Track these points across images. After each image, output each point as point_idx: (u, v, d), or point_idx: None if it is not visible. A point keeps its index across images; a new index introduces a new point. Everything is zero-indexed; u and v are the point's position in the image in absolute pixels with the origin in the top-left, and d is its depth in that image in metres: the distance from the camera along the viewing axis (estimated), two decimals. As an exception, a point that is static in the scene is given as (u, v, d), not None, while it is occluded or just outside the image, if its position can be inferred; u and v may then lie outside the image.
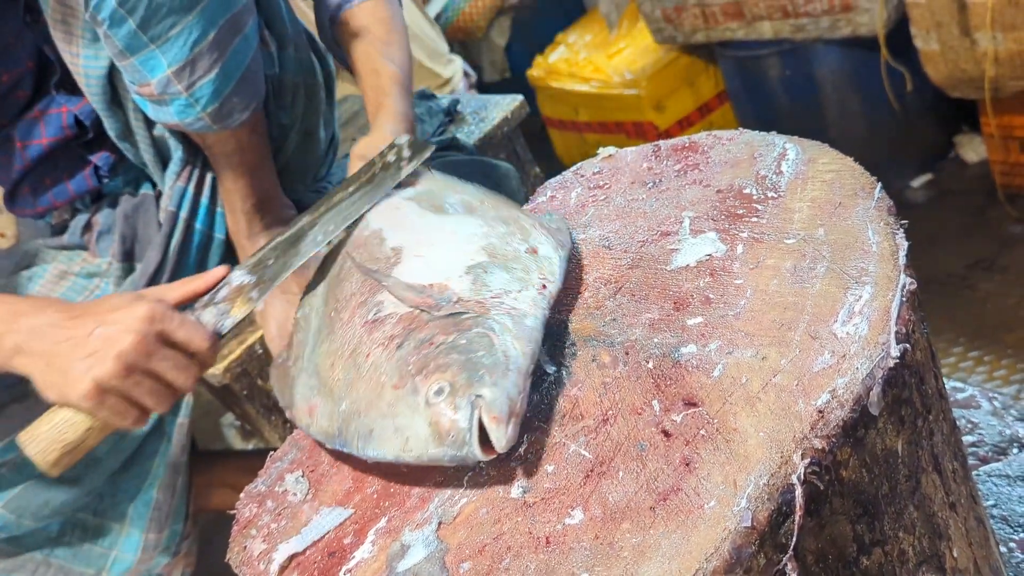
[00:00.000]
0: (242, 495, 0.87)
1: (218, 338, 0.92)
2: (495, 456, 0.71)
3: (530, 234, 0.90)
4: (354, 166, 1.12)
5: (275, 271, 0.96)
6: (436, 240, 0.91)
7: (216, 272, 0.96)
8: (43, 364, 0.89)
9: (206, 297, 0.94)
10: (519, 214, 0.95)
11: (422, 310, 0.81)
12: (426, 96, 1.88)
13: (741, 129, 1.00)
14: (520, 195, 1.47)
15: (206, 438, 2.42)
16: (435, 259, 0.88)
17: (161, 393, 0.89)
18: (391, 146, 1.06)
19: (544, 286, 0.83)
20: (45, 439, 0.92)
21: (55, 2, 1.12)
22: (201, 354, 0.91)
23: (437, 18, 3.26)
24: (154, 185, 1.37)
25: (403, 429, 0.74)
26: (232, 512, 0.86)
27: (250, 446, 2.40)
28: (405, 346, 0.79)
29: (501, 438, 0.70)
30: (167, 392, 0.90)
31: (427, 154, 1.04)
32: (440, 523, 0.71)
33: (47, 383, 0.90)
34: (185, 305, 0.94)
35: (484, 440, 0.71)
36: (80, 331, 0.88)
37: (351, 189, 1.02)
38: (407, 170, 1.03)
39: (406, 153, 1.05)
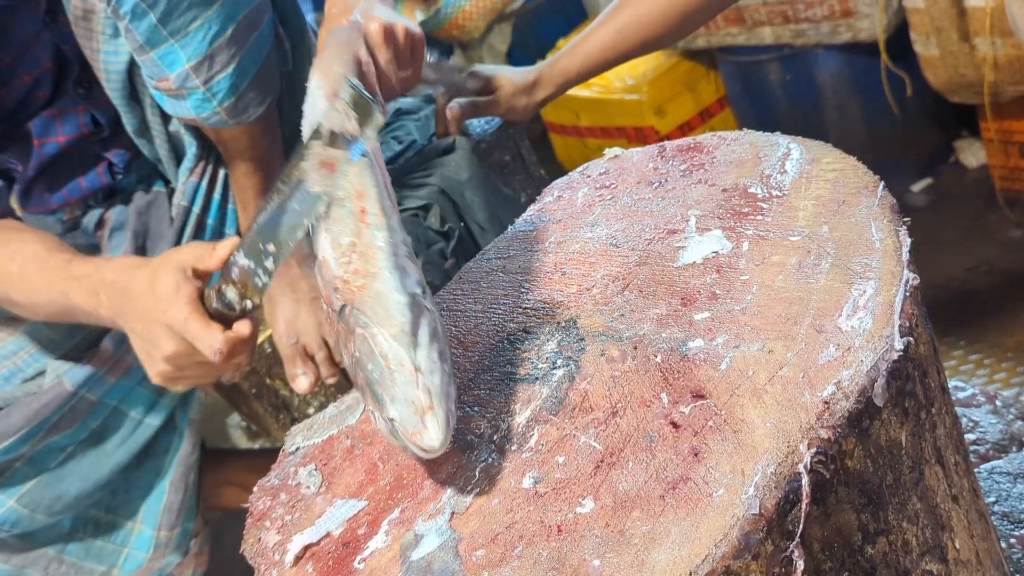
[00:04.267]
0: (256, 488, 0.88)
1: (247, 318, 0.86)
2: (448, 444, 0.72)
3: (335, 137, 0.82)
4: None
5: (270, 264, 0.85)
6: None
7: (230, 241, 0.88)
8: (129, 337, 0.93)
9: (225, 268, 0.86)
10: (321, 109, 0.85)
11: (332, 310, 0.81)
12: (431, 100, 1.89)
13: (745, 130, 1.01)
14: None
15: (212, 438, 2.43)
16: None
17: (220, 368, 0.88)
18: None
19: (363, 210, 0.79)
20: None
21: None
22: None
23: (436, 12, 3.18)
24: (167, 183, 1.38)
25: (391, 440, 0.77)
26: (245, 506, 0.87)
27: (256, 446, 2.41)
28: (346, 360, 0.80)
29: (432, 441, 0.71)
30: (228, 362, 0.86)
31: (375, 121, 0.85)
32: (453, 513, 0.72)
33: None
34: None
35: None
36: (136, 323, 0.90)
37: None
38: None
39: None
